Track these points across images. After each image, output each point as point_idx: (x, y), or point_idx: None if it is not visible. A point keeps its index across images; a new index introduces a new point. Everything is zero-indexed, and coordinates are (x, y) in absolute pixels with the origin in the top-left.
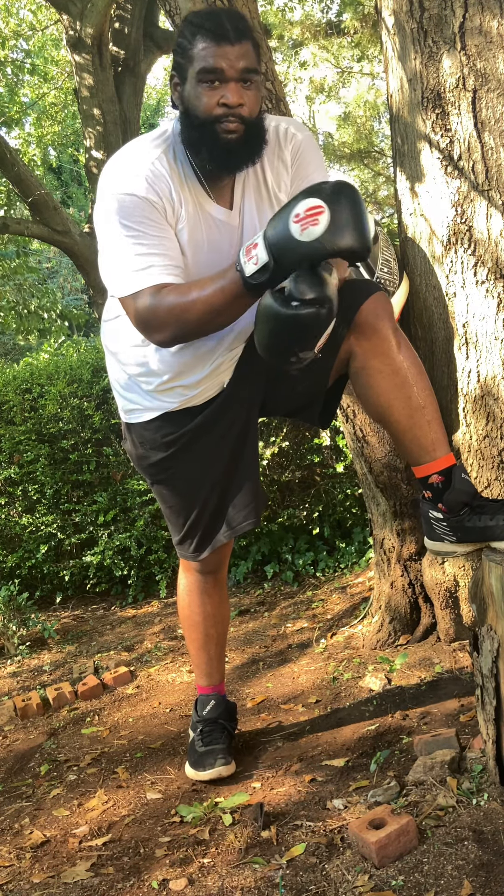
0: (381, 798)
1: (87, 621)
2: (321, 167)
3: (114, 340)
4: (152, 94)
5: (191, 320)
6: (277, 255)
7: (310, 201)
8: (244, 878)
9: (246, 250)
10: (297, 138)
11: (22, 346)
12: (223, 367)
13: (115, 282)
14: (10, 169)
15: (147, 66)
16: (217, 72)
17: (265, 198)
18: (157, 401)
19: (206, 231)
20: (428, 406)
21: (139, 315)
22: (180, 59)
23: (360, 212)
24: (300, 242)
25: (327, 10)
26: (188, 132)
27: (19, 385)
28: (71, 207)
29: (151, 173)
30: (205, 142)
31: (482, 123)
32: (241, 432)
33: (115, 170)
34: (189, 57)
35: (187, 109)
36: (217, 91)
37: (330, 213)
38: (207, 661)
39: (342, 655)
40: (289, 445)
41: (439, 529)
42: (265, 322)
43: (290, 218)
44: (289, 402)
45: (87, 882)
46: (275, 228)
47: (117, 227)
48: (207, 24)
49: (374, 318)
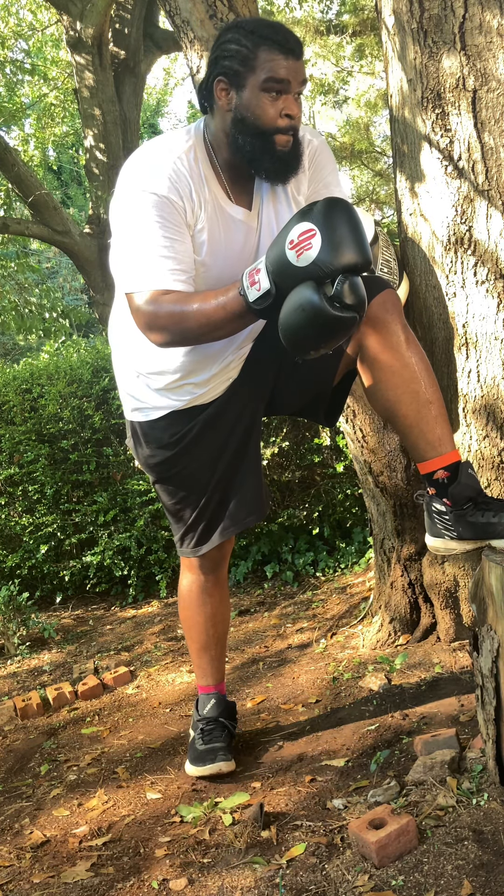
0: (381, 798)
1: (87, 621)
2: (335, 171)
3: (125, 338)
4: (152, 94)
5: (189, 329)
6: (279, 281)
7: (301, 226)
8: (244, 878)
9: (249, 275)
10: (313, 144)
11: (22, 346)
12: (232, 365)
13: (123, 276)
14: (10, 169)
15: (147, 66)
16: (283, 82)
17: (283, 201)
18: (165, 399)
19: (224, 231)
20: (435, 402)
21: (140, 314)
22: (238, 66)
23: (353, 227)
24: (298, 268)
25: (327, 11)
26: (243, 139)
27: (19, 385)
28: (71, 207)
29: (174, 172)
30: (265, 151)
31: (482, 123)
32: (246, 429)
33: (138, 165)
34: (251, 66)
35: (244, 117)
36: (279, 102)
37: (322, 235)
38: (208, 661)
39: (342, 655)
40: (289, 445)
41: (441, 524)
42: (304, 315)
43: (285, 244)
44: (295, 399)
45: (87, 882)
46: (274, 256)
47: (134, 222)
48: (275, 37)
49: (385, 313)
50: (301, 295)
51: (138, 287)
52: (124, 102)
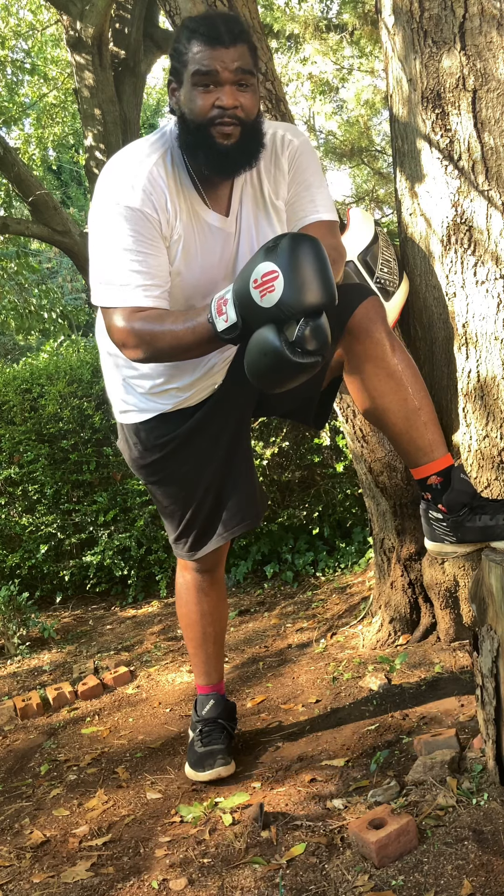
0: (381, 798)
1: (87, 621)
2: (318, 172)
3: (110, 342)
4: (152, 94)
5: (161, 349)
6: (245, 315)
7: (264, 266)
8: (244, 878)
9: (217, 305)
10: (293, 144)
11: (22, 346)
12: (216, 368)
13: (96, 289)
14: (10, 169)
15: (147, 66)
16: (211, 74)
17: (262, 206)
18: (152, 402)
19: (201, 238)
20: (424, 408)
21: (113, 330)
22: (176, 63)
23: (318, 267)
24: (261, 308)
25: (327, 11)
26: (185, 136)
27: (19, 385)
28: (71, 207)
29: (149, 183)
30: (201, 145)
31: (482, 123)
32: (234, 433)
33: (112, 176)
34: (184, 61)
35: (183, 113)
36: (212, 94)
37: (284, 278)
38: (206, 660)
39: (342, 655)
40: (289, 445)
41: (439, 530)
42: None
43: (249, 283)
44: (283, 403)
45: (87, 882)
46: (239, 291)
47: (107, 236)
48: (202, 28)
49: (368, 322)
50: (263, 339)
51: (110, 302)
52: (124, 102)
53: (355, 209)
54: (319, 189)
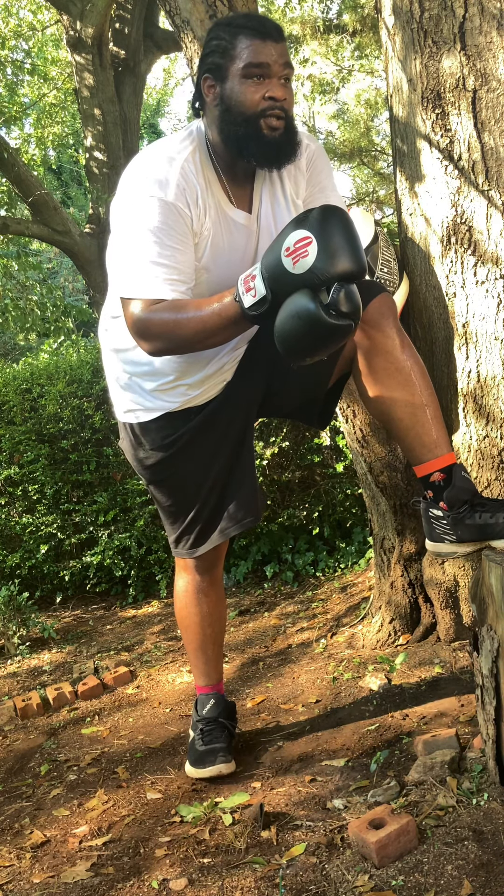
0: (381, 798)
1: (87, 621)
2: (331, 175)
3: (117, 338)
4: (152, 94)
5: (183, 337)
6: (275, 288)
7: (298, 233)
8: (244, 878)
9: (244, 281)
10: (310, 148)
11: (22, 346)
12: (227, 366)
13: (119, 280)
14: (10, 169)
15: (147, 66)
16: (263, 66)
17: (283, 204)
18: (159, 401)
19: (227, 235)
20: (430, 405)
21: (132, 320)
22: (219, 59)
23: (349, 236)
24: (294, 275)
25: (327, 11)
26: (230, 129)
27: (19, 385)
28: (71, 207)
29: (182, 178)
30: (251, 137)
31: (482, 123)
32: (240, 430)
33: (145, 170)
34: (231, 56)
35: (230, 107)
36: (262, 86)
37: (318, 243)
38: (205, 661)
39: (342, 655)
40: (289, 445)
41: (440, 529)
42: (300, 323)
43: (281, 252)
44: (288, 402)
45: (87, 882)
46: (269, 262)
47: (137, 228)
48: (251, 24)
49: (380, 317)
50: (297, 303)
51: (133, 294)
52: (124, 102)
53: (355, 209)
54: (333, 192)
